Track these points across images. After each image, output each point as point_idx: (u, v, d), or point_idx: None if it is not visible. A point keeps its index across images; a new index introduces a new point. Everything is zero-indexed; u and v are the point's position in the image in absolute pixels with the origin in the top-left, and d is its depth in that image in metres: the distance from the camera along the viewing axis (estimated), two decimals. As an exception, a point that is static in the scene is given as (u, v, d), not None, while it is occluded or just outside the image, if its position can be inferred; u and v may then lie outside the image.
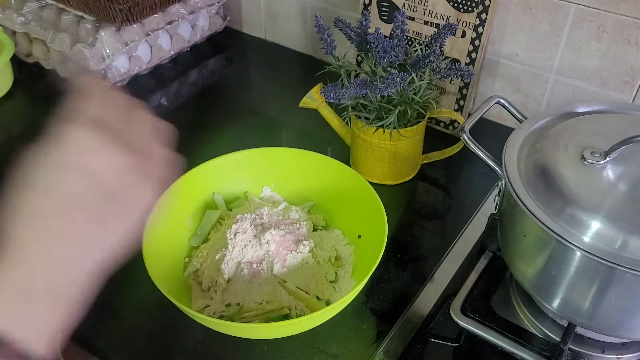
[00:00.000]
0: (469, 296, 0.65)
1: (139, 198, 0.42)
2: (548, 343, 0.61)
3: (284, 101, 1.03)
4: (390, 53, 0.72)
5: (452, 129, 0.92)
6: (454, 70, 0.74)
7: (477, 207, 0.80)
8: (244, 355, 0.62)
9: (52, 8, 1.05)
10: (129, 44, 1.00)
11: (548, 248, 0.54)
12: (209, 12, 1.14)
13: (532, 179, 0.56)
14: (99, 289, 0.42)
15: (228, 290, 0.64)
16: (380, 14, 0.91)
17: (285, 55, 1.15)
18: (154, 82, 1.07)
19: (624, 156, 0.54)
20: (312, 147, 0.75)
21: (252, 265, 0.65)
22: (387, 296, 0.68)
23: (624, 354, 0.61)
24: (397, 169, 0.81)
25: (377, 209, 0.65)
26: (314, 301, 0.64)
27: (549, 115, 0.63)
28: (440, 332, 0.65)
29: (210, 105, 1.01)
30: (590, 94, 0.84)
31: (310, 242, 0.67)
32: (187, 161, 0.87)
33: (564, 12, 0.80)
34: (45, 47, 1.05)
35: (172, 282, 0.65)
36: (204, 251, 0.69)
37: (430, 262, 0.72)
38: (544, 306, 0.63)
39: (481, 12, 0.82)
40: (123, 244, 0.42)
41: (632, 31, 0.77)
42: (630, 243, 0.49)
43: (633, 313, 0.53)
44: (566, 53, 0.83)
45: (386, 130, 0.76)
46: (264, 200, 0.76)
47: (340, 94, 0.71)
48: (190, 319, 0.59)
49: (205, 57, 1.14)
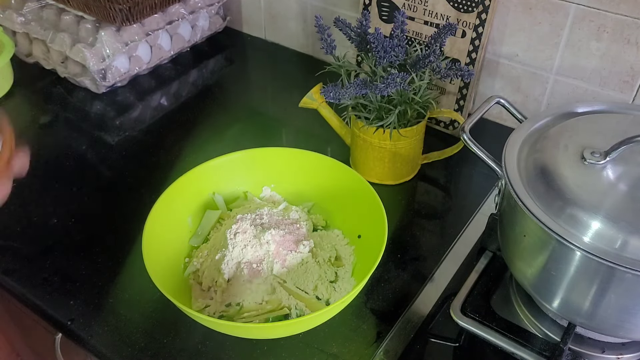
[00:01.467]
0: (469, 296, 0.65)
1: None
2: (548, 343, 0.61)
3: (284, 101, 1.03)
4: (390, 53, 0.72)
5: (452, 129, 0.92)
6: (454, 70, 0.74)
7: (477, 207, 0.80)
8: (244, 355, 0.62)
9: (52, 8, 1.05)
10: (129, 44, 1.00)
11: (548, 248, 0.54)
12: (209, 12, 1.14)
13: (532, 179, 0.56)
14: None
15: (228, 290, 0.64)
16: (380, 14, 0.91)
17: (285, 55, 1.15)
18: (154, 82, 1.07)
19: (624, 156, 0.54)
20: (312, 147, 0.75)
21: (252, 265, 0.65)
22: (387, 296, 0.68)
23: (624, 354, 0.61)
24: (397, 169, 0.81)
25: (377, 209, 0.65)
26: (314, 301, 0.64)
27: (549, 115, 0.63)
28: (440, 332, 0.65)
29: (210, 105, 1.02)
30: (590, 94, 0.84)
31: (310, 242, 0.67)
32: (187, 161, 0.87)
33: (564, 12, 0.80)
34: (45, 47, 1.05)
35: (172, 282, 0.65)
36: (204, 251, 0.69)
37: (430, 262, 0.72)
38: (544, 306, 0.63)
39: (481, 12, 0.82)
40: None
41: (632, 31, 0.77)
42: (630, 243, 0.49)
43: (633, 313, 0.53)
44: (566, 53, 0.83)
45: (386, 130, 0.76)
46: (264, 200, 0.76)
47: (340, 94, 0.71)
48: (190, 319, 0.59)
49: (205, 57, 1.14)
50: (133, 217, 0.75)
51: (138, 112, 1.00)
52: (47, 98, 1.02)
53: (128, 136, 0.94)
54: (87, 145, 0.92)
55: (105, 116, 0.98)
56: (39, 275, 0.70)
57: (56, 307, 0.67)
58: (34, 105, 1.01)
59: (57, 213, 0.78)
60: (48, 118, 0.97)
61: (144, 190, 0.82)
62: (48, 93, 1.03)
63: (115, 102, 1.01)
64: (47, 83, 1.05)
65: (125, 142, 0.92)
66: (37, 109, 1.00)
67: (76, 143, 0.92)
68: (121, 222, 0.77)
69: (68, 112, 0.99)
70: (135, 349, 0.62)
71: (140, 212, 0.66)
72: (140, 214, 0.65)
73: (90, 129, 0.95)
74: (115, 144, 0.92)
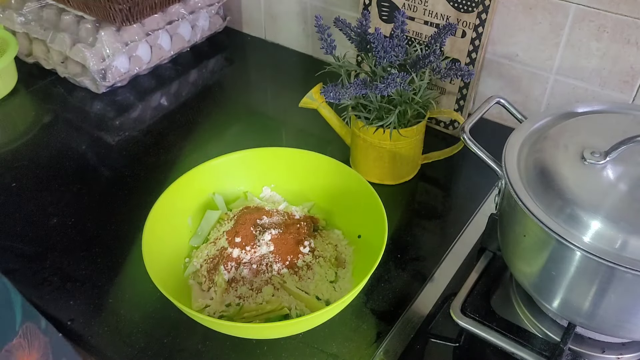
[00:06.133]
0: (469, 296, 0.65)
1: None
2: (548, 343, 0.61)
3: (284, 101, 1.03)
4: (390, 53, 0.72)
5: (452, 129, 0.92)
6: (454, 70, 0.74)
7: (477, 207, 0.80)
8: (244, 355, 0.62)
9: (52, 8, 1.05)
10: (129, 44, 1.00)
11: (548, 248, 0.54)
12: (209, 12, 1.14)
13: (532, 179, 0.56)
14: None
15: (228, 290, 0.64)
16: (380, 14, 0.91)
17: (285, 55, 1.15)
18: (154, 82, 1.07)
19: (624, 156, 0.54)
20: (312, 147, 0.75)
21: (252, 265, 0.65)
22: (387, 296, 0.68)
23: (624, 354, 0.61)
24: (397, 169, 0.81)
25: (377, 209, 0.65)
26: (314, 301, 0.64)
27: (549, 115, 0.63)
28: (440, 332, 0.65)
29: (210, 105, 1.02)
30: (590, 94, 0.84)
31: (310, 242, 0.67)
32: (187, 161, 0.87)
33: (564, 12, 0.80)
34: (45, 47, 1.05)
35: (172, 282, 0.65)
36: (204, 251, 0.69)
37: (430, 262, 0.72)
38: (544, 306, 0.63)
39: (481, 12, 0.82)
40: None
41: (632, 31, 0.77)
42: (630, 243, 0.49)
43: (633, 313, 0.53)
44: (566, 53, 0.83)
45: (386, 130, 0.76)
46: (264, 200, 0.76)
47: (340, 94, 0.71)
48: (190, 319, 0.59)
49: (205, 57, 1.14)
50: (133, 217, 0.75)
51: (138, 112, 1.00)
52: (47, 98, 1.02)
53: (128, 136, 0.94)
54: (87, 145, 0.92)
55: (105, 116, 0.98)
56: (39, 275, 0.70)
57: (56, 307, 0.67)
58: (34, 105, 1.01)
59: (57, 213, 0.78)
60: (48, 118, 0.97)
61: (144, 190, 0.82)
62: (48, 93, 1.03)
63: (115, 102, 1.01)
64: (47, 83, 1.05)
65: (125, 142, 0.92)
66: (37, 109, 1.00)
67: (76, 143, 0.92)
68: (121, 222, 0.77)
69: (68, 112, 0.99)
70: (135, 349, 0.62)
71: (140, 212, 0.66)
72: (140, 214, 0.65)
73: (90, 129, 0.95)
74: (115, 144, 0.92)
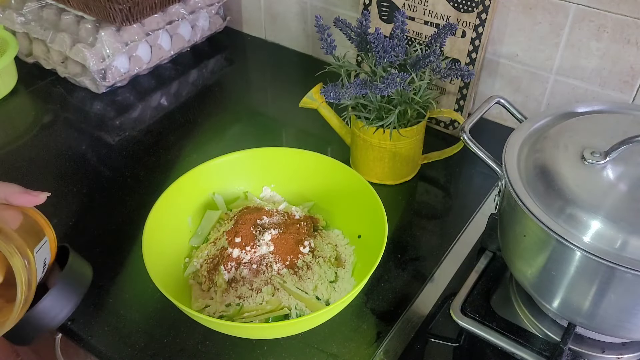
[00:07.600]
0: (469, 296, 0.65)
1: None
2: (548, 343, 0.61)
3: (284, 101, 1.03)
4: (390, 53, 0.72)
5: (452, 129, 0.92)
6: (454, 70, 0.74)
7: (477, 207, 0.80)
8: (244, 355, 0.62)
9: (52, 8, 1.05)
10: (129, 44, 1.00)
11: (548, 248, 0.54)
12: (209, 12, 1.14)
13: (532, 179, 0.56)
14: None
15: (228, 290, 0.64)
16: (380, 14, 0.91)
17: (285, 55, 1.15)
18: (154, 82, 1.07)
19: (624, 156, 0.54)
20: (312, 147, 0.75)
21: (252, 265, 0.65)
22: (387, 296, 0.68)
23: (624, 354, 0.61)
24: (397, 169, 0.81)
25: (377, 209, 0.65)
26: (314, 301, 0.64)
27: (549, 115, 0.63)
28: (440, 332, 0.65)
29: (210, 105, 1.02)
30: (590, 94, 0.84)
31: (310, 242, 0.67)
32: (187, 161, 0.87)
33: (564, 12, 0.80)
34: (45, 47, 1.05)
35: (172, 282, 0.65)
36: (204, 251, 0.69)
37: (430, 262, 0.72)
38: (544, 306, 0.63)
39: (481, 12, 0.82)
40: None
41: (632, 31, 0.77)
42: (630, 243, 0.49)
43: (633, 313, 0.53)
44: (566, 53, 0.83)
45: (386, 130, 0.76)
46: (264, 200, 0.76)
47: (340, 94, 0.71)
48: (190, 319, 0.59)
49: (205, 57, 1.15)
50: (133, 217, 0.75)
51: (138, 112, 1.00)
52: (47, 98, 1.02)
53: (128, 136, 0.94)
54: (87, 145, 0.92)
55: (105, 116, 0.98)
56: (39, 275, 0.70)
57: (56, 307, 0.67)
58: (34, 105, 1.01)
59: (57, 213, 0.78)
60: (48, 118, 0.97)
61: (144, 190, 0.82)
62: (48, 93, 1.03)
63: (115, 102, 1.01)
64: (47, 83, 1.05)
65: (125, 142, 0.92)
66: (37, 109, 1.00)
67: (76, 143, 0.92)
68: (121, 222, 0.77)
69: (68, 112, 0.99)
70: (135, 349, 0.62)
71: (140, 212, 0.66)
72: (140, 214, 0.65)
73: (90, 129, 0.95)
74: (115, 144, 0.92)
